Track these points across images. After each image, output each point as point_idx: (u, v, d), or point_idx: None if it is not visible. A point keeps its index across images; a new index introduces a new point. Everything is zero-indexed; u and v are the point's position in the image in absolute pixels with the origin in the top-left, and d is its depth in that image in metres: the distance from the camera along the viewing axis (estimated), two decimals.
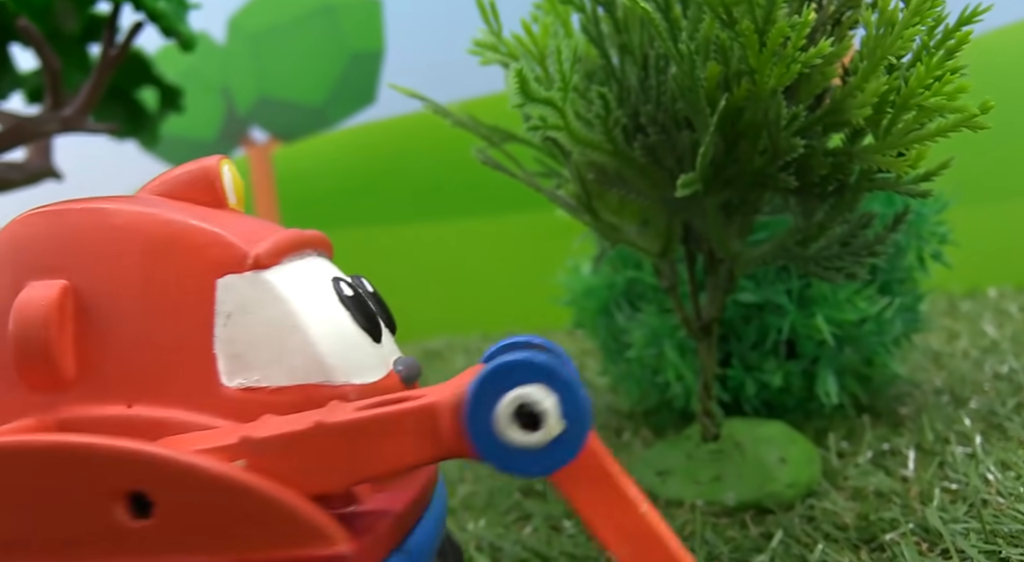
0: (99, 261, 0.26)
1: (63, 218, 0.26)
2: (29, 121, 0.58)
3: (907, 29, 0.34)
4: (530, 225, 0.96)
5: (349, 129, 1.19)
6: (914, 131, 0.36)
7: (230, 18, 1.16)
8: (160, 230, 0.27)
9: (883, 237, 0.42)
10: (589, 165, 0.44)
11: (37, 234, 0.26)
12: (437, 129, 0.45)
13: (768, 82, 0.36)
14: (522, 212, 0.70)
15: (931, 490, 0.46)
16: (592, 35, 0.43)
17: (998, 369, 0.68)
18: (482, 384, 0.21)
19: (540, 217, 0.48)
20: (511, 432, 0.21)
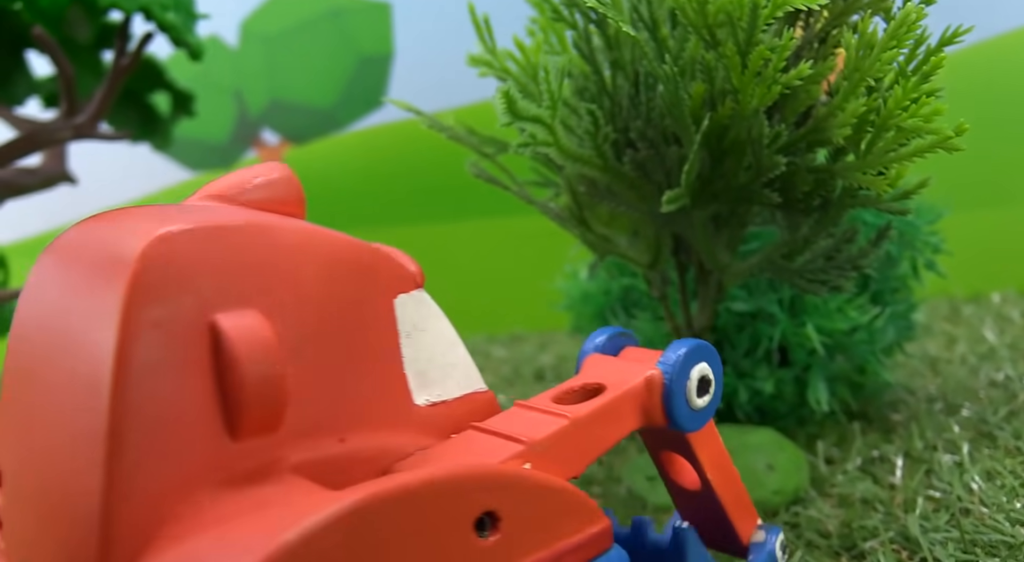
0: (281, 287, 0.22)
1: (227, 238, 0.22)
2: (43, 128, 0.60)
3: (885, 52, 0.35)
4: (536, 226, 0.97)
5: (358, 132, 1.21)
6: (893, 151, 0.36)
7: (242, 22, 1.17)
8: (333, 251, 0.24)
9: (867, 251, 0.43)
10: (580, 178, 0.46)
11: (205, 257, 0.21)
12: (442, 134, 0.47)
13: (751, 102, 0.37)
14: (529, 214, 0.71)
15: (915, 498, 0.47)
16: (584, 51, 0.44)
17: (994, 376, 0.69)
18: (682, 364, 0.28)
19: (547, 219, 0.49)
20: (694, 398, 0.28)
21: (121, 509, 0.18)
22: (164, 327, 0.20)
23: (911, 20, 0.35)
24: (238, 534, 0.19)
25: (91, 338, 0.20)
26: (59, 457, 0.20)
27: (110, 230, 0.22)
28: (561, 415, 0.26)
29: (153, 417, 0.19)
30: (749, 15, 0.35)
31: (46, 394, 0.21)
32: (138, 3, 0.56)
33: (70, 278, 0.22)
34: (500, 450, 0.24)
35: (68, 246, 0.23)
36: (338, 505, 0.18)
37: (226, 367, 0.20)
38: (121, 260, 0.20)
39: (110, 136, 0.68)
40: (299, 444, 0.22)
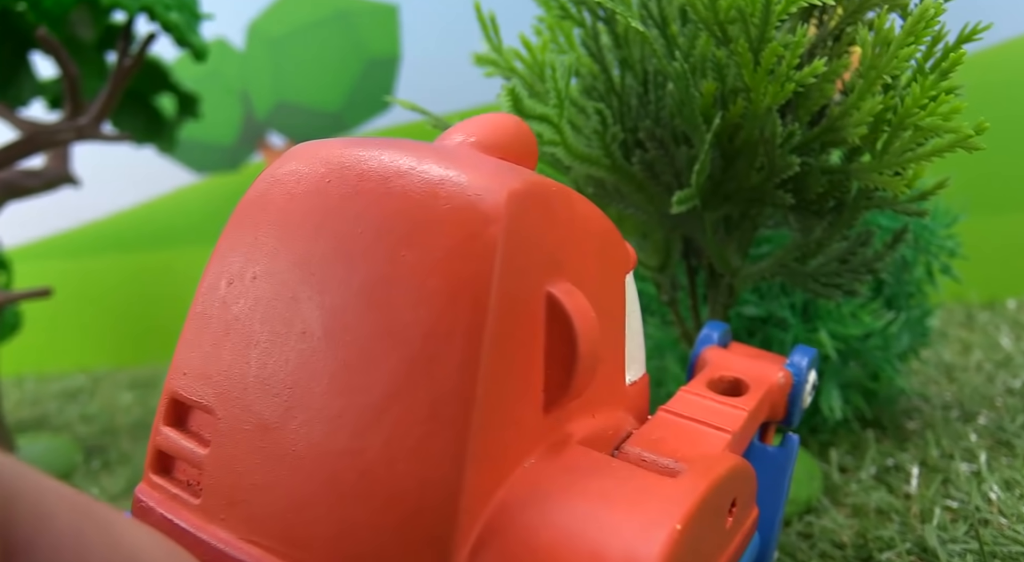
0: (579, 257, 0.22)
1: (551, 203, 0.21)
2: (45, 130, 0.59)
3: (902, 49, 0.34)
4: None
5: (365, 135, 1.20)
6: (910, 151, 0.35)
7: (249, 24, 1.17)
8: (603, 225, 0.24)
9: (882, 254, 0.42)
10: (588, 179, 0.45)
11: (541, 222, 0.20)
12: None
13: (763, 100, 0.36)
14: None
15: (932, 508, 0.45)
16: (592, 50, 0.43)
17: (1011, 384, 0.67)
18: (804, 369, 0.32)
19: None
20: (808, 399, 0.33)
21: (472, 475, 0.18)
22: (517, 293, 0.19)
23: (929, 16, 0.34)
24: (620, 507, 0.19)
25: (440, 295, 0.18)
26: (382, 414, 0.18)
27: (421, 169, 0.20)
28: (739, 407, 0.28)
29: (501, 385, 0.19)
30: (761, 11, 0.34)
31: (339, 339, 0.19)
32: (141, 3, 0.56)
33: (364, 214, 0.20)
34: (715, 439, 0.26)
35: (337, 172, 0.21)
36: (695, 491, 0.20)
37: (560, 340, 0.20)
38: (479, 214, 0.19)
39: (113, 137, 0.67)
40: (576, 419, 0.22)
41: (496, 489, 0.19)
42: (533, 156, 0.25)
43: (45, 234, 1.30)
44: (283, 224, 0.21)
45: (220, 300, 0.21)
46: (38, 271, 1.21)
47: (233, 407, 0.20)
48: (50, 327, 1.21)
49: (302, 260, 0.20)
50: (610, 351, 0.25)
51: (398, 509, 0.18)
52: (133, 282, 1.25)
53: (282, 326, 0.20)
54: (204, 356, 0.21)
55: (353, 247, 0.20)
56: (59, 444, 0.71)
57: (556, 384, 0.20)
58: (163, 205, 1.30)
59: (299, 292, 0.20)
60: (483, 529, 0.18)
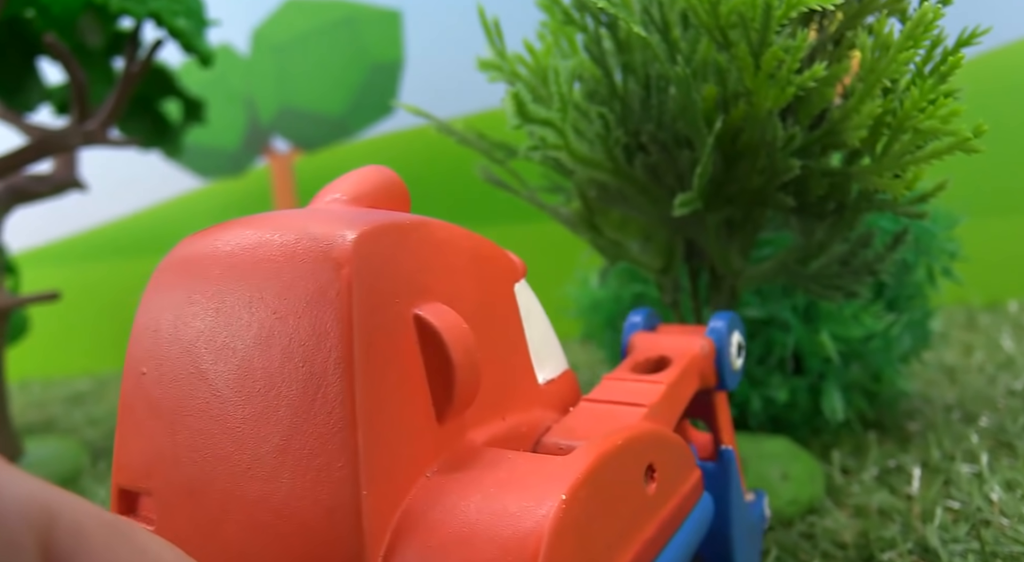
0: (448, 279, 0.24)
1: (406, 236, 0.23)
2: (53, 135, 0.60)
3: (901, 53, 0.34)
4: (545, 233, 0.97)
5: (369, 140, 1.21)
6: (909, 153, 0.36)
7: (254, 30, 1.18)
8: (472, 244, 0.26)
9: (883, 256, 0.42)
10: (591, 183, 0.45)
11: (397, 254, 0.22)
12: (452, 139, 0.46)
13: (764, 103, 0.37)
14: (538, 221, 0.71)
15: (933, 509, 0.46)
16: (594, 54, 0.43)
17: (1012, 385, 0.68)
18: (724, 333, 0.34)
19: (557, 225, 0.48)
20: (735, 360, 0.34)
21: (370, 492, 0.19)
22: (381, 322, 0.21)
23: (928, 20, 0.34)
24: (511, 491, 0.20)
25: (310, 340, 0.20)
26: (282, 457, 0.20)
27: (280, 235, 0.22)
28: (657, 382, 0.30)
29: (382, 408, 0.20)
30: (762, 16, 0.35)
31: (237, 398, 0.21)
32: (148, 9, 0.56)
33: (236, 287, 0.22)
34: (630, 415, 0.27)
35: (206, 257, 0.23)
36: (582, 464, 0.21)
37: (435, 356, 0.22)
38: (330, 261, 0.21)
39: (120, 142, 0.68)
40: (478, 425, 0.24)
41: (399, 501, 0.20)
42: (402, 199, 0.27)
43: (52, 239, 1.31)
44: (175, 311, 0.23)
45: (139, 389, 0.24)
46: (45, 275, 1.22)
47: (166, 483, 0.22)
48: (56, 331, 1.21)
49: (196, 337, 0.22)
50: (507, 356, 0.27)
51: (313, 539, 0.20)
52: (138, 286, 1.25)
53: (191, 400, 0.22)
54: (137, 445, 0.23)
55: (235, 316, 0.22)
56: (66, 447, 0.71)
57: (442, 396, 0.22)
58: (168, 210, 1.31)
59: (201, 365, 0.22)
60: (391, 539, 0.20)
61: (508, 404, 0.26)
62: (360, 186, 0.26)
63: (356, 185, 0.26)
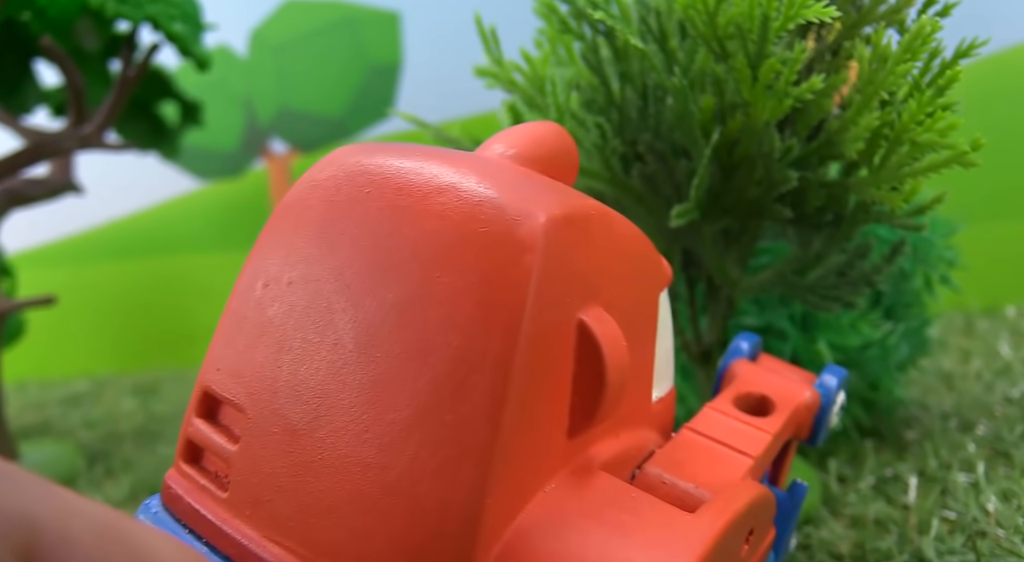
0: (613, 281, 0.22)
1: (589, 227, 0.20)
2: (49, 138, 0.60)
3: (899, 65, 0.34)
4: None
5: (367, 141, 1.21)
6: (907, 166, 0.36)
7: (252, 31, 1.17)
8: (640, 245, 0.24)
9: (880, 267, 0.42)
10: (588, 192, 0.45)
11: (570, 250, 0.20)
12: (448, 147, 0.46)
13: (762, 115, 0.37)
14: None
15: (930, 519, 0.46)
16: (592, 63, 0.43)
17: (1009, 393, 0.67)
18: (834, 390, 0.32)
19: None
20: (833, 418, 0.32)
21: (493, 500, 0.18)
22: (549, 321, 0.19)
23: (926, 32, 0.34)
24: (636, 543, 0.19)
25: (472, 321, 0.18)
26: (409, 432, 0.19)
27: (464, 190, 0.20)
28: (763, 430, 0.28)
29: (527, 413, 0.19)
30: (759, 27, 0.34)
31: (368, 355, 0.19)
32: (145, 13, 0.56)
33: (402, 230, 0.20)
34: (737, 464, 0.25)
35: (375, 181, 0.21)
36: (712, 530, 0.20)
37: (588, 367, 0.20)
38: (515, 242, 0.19)
39: (117, 146, 0.67)
40: (598, 442, 0.22)
41: (516, 514, 0.19)
42: (574, 169, 0.24)
43: (48, 240, 1.31)
44: (321, 232, 0.21)
45: (256, 301, 0.22)
46: (41, 277, 1.21)
47: (263, 408, 0.21)
48: (53, 333, 1.21)
49: (338, 270, 0.20)
50: (638, 371, 0.25)
51: (419, 528, 0.18)
52: (136, 288, 1.25)
53: (315, 334, 0.20)
54: (237, 355, 0.22)
55: (389, 263, 0.20)
56: (62, 450, 0.71)
57: (582, 410, 0.20)
58: (166, 212, 1.30)
59: (333, 302, 0.20)
60: (500, 552, 0.18)
61: (625, 421, 0.24)
62: (536, 147, 0.23)
63: (533, 144, 0.23)
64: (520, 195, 0.19)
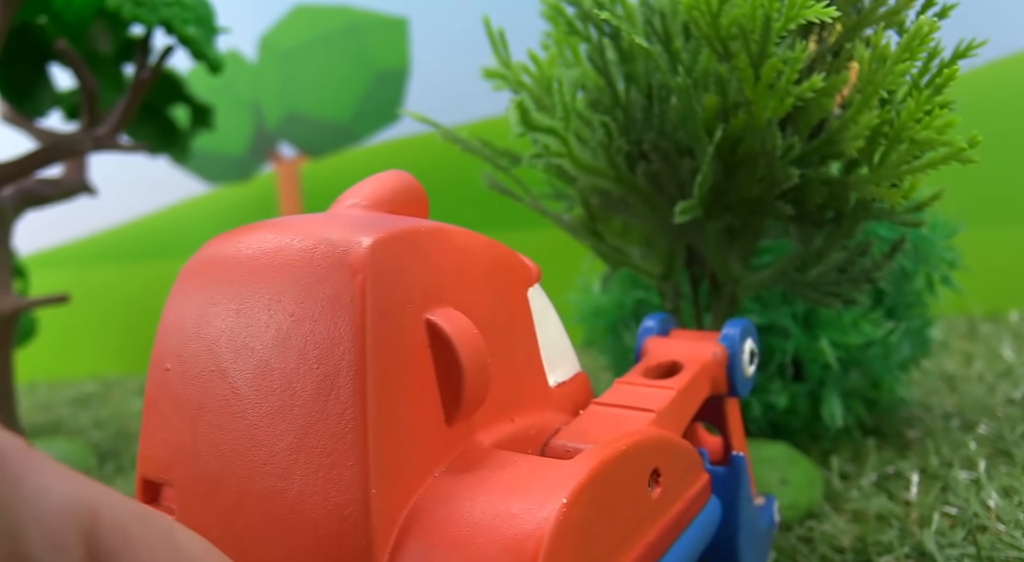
0: (463, 285, 0.25)
1: (422, 242, 0.23)
2: (64, 140, 0.61)
3: (898, 65, 0.35)
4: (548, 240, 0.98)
5: (374, 146, 1.22)
6: (906, 163, 0.36)
7: (261, 37, 1.19)
8: (487, 250, 0.27)
9: (881, 264, 0.43)
10: (593, 190, 0.46)
11: (411, 261, 0.23)
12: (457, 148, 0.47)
13: (764, 114, 0.37)
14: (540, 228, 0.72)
15: (931, 514, 0.46)
16: (598, 64, 0.44)
17: (1011, 394, 0.68)
18: (737, 340, 0.34)
19: (559, 232, 0.49)
20: (747, 368, 0.34)
21: (379, 491, 0.20)
22: (393, 327, 0.21)
23: (924, 33, 0.35)
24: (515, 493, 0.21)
25: (325, 343, 0.21)
26: (296, 454, 0.21)
27: (299, 239, 0.23)
28: (667, 387, 0.30)
29: (392, 409, 0.21)
30: (761, 28, 0.35)
31: (255, 397, 0.22)
32: (159, 16, 0.57)
33: (256, 289, 0.23)
34: (639, 420, 0.28)
35: (229, 260, 0.24)
36: (586, 467, 0.21)
37: (446, 359, 0.22)
38: (346, 267, 0.21)
39: (129, 148, 0.68)
40: (487, 426, 0.25)
41: (406, 500, 0.21)
42: (421, 205, 0.28)
43: (60, 242, 1.32)
44: (200, 310, 0.24)
45: (164, 384, 0.24)
46: (53, 278, 1.23)
47: (187, 475, 0.23)
48: (64, 333, 1.22)
49: (218, 336, 0.23)
50: (519, 359, 0.27)
51: (323, 534, 0.20)
52: (145, 290, 1.26)
53: (215, 394, 0.23)
54: (161, 437, 0.24)
55: (254, 318, 0.23)
56: (73, 448, 0.72)
57: (452, 399, 0.23)
58: (175, 214, 1.32)
59: (222, 363, 0.23)
60: (397, 536, 0.20)
61: (517, 406, 0.26)
62: (379, 191, 0.27)
63: (375, 190, 0.27)
64: (350, 230, 0.22)
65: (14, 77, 0.72)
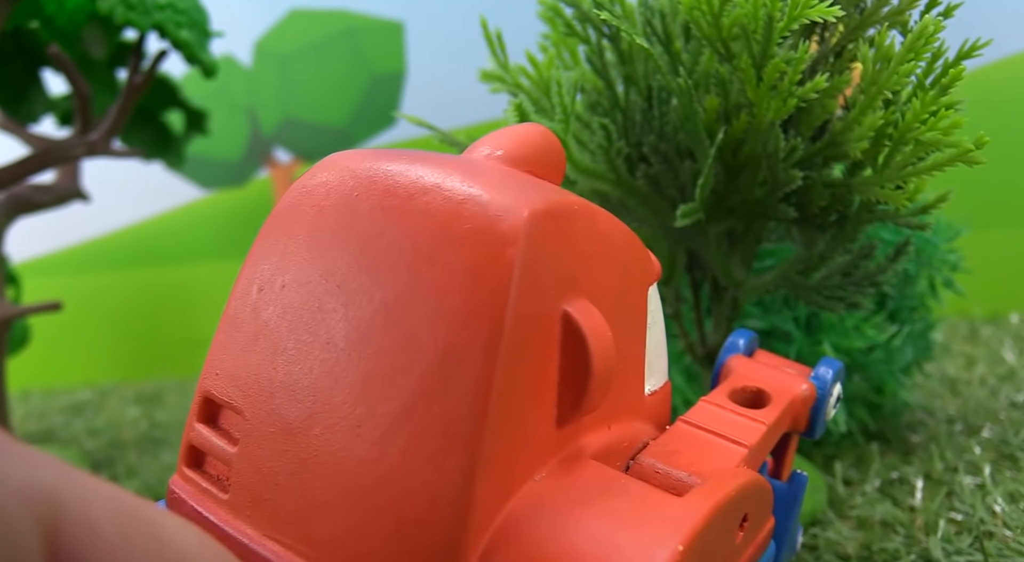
0: (598, 274, 0.22)
1: (572, 221, 0.21)
2: (57, 145, 0.60)
3: (902, 65, 0.34)
4: None
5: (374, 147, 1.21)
6: (911, 165, 0.36)
7: (256, 41, 1.18)
8: (625, 239, 0.24)
9: (885, 267, 0.42)
10: (593, 193, 0.45)
11: (559, 242, 0.20)
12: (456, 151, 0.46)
13: (766, 115, 0.37)
14: None
15: (936, 521, 0.45)
16: (596, 66, 0.44)
17: (1014, 398, 0.67)
18: (829, 382, 0.31)
19: None
20: (831, 411, 0.32)
21: (482, 488, 0.18)
22: (532, 312, 0.19)
23: (929, 33, 0.34)
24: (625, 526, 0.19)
25: (458, 314, 0.19)
26: (400, 425, 0.19)
27: (448, 188, 0.20)
28: (758, 421, 0.28)
29: (514, 403, 0.19)
30: (764, 28, 0.35)
31: (359, 351, 0.20)
32: (153, 20, 0.57)
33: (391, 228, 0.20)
34: (731, 453, 0.26)
35: (365, 182, 0.21)
36: (700, 511, 0.20)
37: (574, 357, 0.20)
38: (498, 235, 0.19)
39: (123, 153, 0.68)
40: (589, 433, 0.23)
41: (505, 502, 0.19)
42: (560, 168, 0.25)
43: (53, 249, 1.31)
44: (312, 235, 0.22)
45: (251, 305, 0.22)
46: (45, 286, 1.22)
47: (260, 409, 0.21)
48: (57, 341, 1.21)
49: (329, 272, 0.21)
50: (628, 363, 0.25)
51: (410, 517, 0.18)
52: (139, 297, 1.26)
53: (308, 335, 0.21)
54: (235, 359, 0.22)
55: (378, 262, 0.20)
56: (68, 456, 0.71)
57: (569, 400, 0.21)
58: (170, 220, 1.31)
59: (325, 303, 0.21)
60: (490, 540, 0.19)
61: (616, 412, 0.24)
62: (522, 147, 0.24)
63: (517, 144, 0.24)
64: (503, 192, 0.20)
65: (6, 82, 0.71)
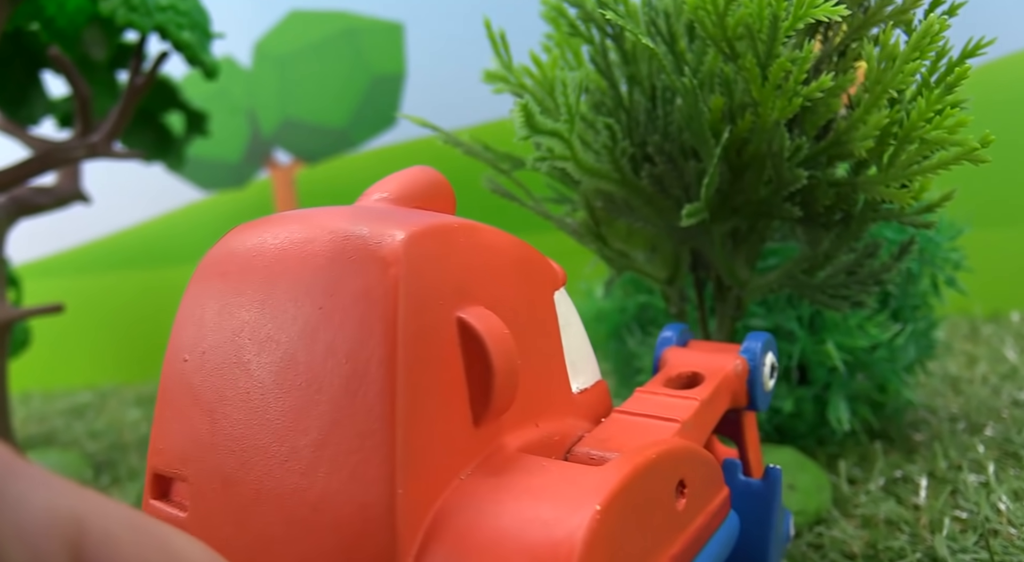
0: (492, 283, 0.24)
1: (453, 238, 0.23)
2: (57, 147, 0.60)
3: (907, 64, 0.34)
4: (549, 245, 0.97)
5: (371, 151, 1.21)
6: (916, 163, 0.36)
7: (256, 42, 1.18)
8: (517, 250, 0.26)
9: (889, 266, 0.42)
10: (597, 193, 0.45)
11: (443, 257, 0.22)
12: (456, 152, 0.46)
13: (771, 114, 0.37)
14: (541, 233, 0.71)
15: (941, 519, 0.46)
16: (600, 66, 0.44)
17: (1016, 396, 0.67)
18: (759, 353, 0.33)
19: (562, 236, 0.48)
20: (767, 381, 0.34)
21: (405, 492, 0.19)
22: (425, 324, 0.21)
23: (933, 32, 0.34)
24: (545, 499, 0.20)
25: (354, 337, 0.20)
26: (320, 451, 0.20)
27: (329, 231, 0.22)
28: (690, 398, 0.30)
29: (420, 408, 0.20)
30: (769, 27, 0.35)
31: (278, 390, 0.21)
32: (154, 22, 0.57)
33: (284, 280, 0.22)
34: (663, 429, 0.27)
35: (254, 250, 0.23)
36: (617, 475, 0.20)
37: (476, 359, 0.22)
38: (378, 260, 0.21)
39: (124, 155, 0.68)
40: (512, 430, 0.24)
41: (433, 502, 0.20)
42: (449, 201, 0.27)
43: (54, 251, 1.31)
44: (221, 299, 0.24)
45: (180, 374, 0.24)
46: (47, 287, 1.21)
47: (202, 471, 0.22)
48: (58, 343, 1.21)
49: (239, 328, 0.23)
50: (544, 363, 0.27)
51: (346, 533, 0.20)
52: (140, 299, 1.25)
53: (231, 390, 0.22)
54: (174, 430, 0.24)
55: (278, 309, 0.22)
56: (69, 460, 0.71)
57: (481, 400, 0.22)
58: (170, 222, 1.31)
59: (242, 356, 0.22)
60: (423, 539, 0.20)
61: (542, 411, 0.26)
62: (407, 186, 0.26)
63: (403, 185, 0.26)
64: (382, 224, 0.22)
65: (6, 84, 0.71)
